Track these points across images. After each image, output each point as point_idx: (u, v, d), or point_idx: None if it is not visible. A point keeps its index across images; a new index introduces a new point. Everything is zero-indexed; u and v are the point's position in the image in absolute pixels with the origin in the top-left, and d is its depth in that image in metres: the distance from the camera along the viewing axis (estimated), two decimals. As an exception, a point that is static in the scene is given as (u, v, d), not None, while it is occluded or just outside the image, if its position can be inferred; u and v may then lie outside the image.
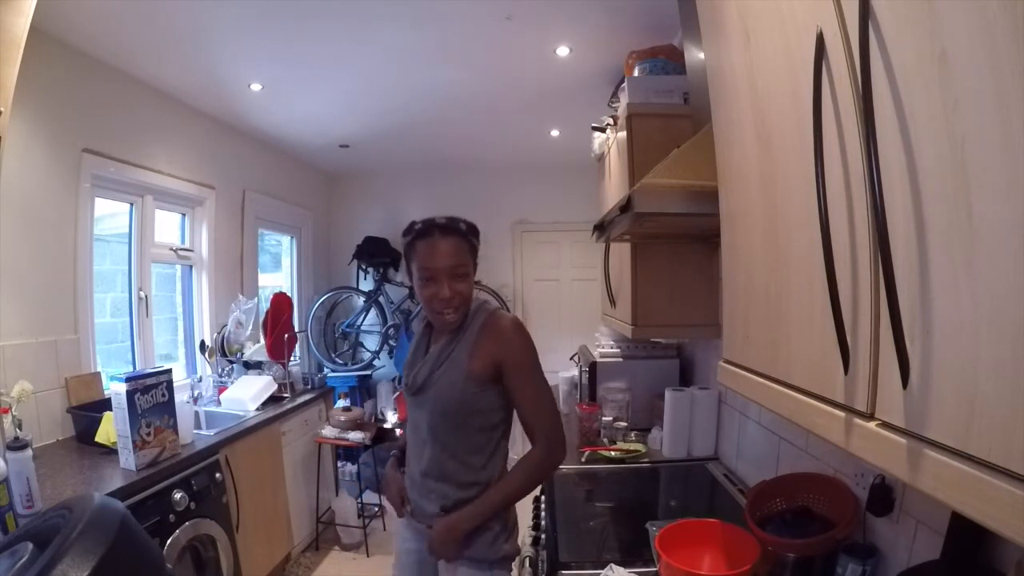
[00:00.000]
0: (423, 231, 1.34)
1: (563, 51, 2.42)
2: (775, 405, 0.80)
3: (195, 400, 2.80)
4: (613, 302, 2.13)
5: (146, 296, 2.74)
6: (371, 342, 4.53)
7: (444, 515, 1.34)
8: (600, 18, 2.12)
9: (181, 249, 3.02)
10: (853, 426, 0.59)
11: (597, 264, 2.42)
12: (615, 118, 2.17)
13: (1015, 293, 0.40)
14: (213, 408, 2.81)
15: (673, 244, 1.84)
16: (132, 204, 2.69)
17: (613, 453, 2.05)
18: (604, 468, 1.99)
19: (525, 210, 4.72)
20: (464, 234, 1.35)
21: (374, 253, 4.45)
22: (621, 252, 2.00)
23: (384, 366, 4.52)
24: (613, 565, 1.23)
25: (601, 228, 1.75)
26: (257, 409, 2.80)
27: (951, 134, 0.45)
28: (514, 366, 1.33)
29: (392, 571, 1.55)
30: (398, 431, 4.28)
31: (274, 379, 3.05)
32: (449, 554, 1.33)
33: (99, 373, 2.38)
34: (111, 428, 1.92)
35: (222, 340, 3.11)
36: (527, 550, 1.57)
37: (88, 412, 2.13)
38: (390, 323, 4.43)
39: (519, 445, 1.48)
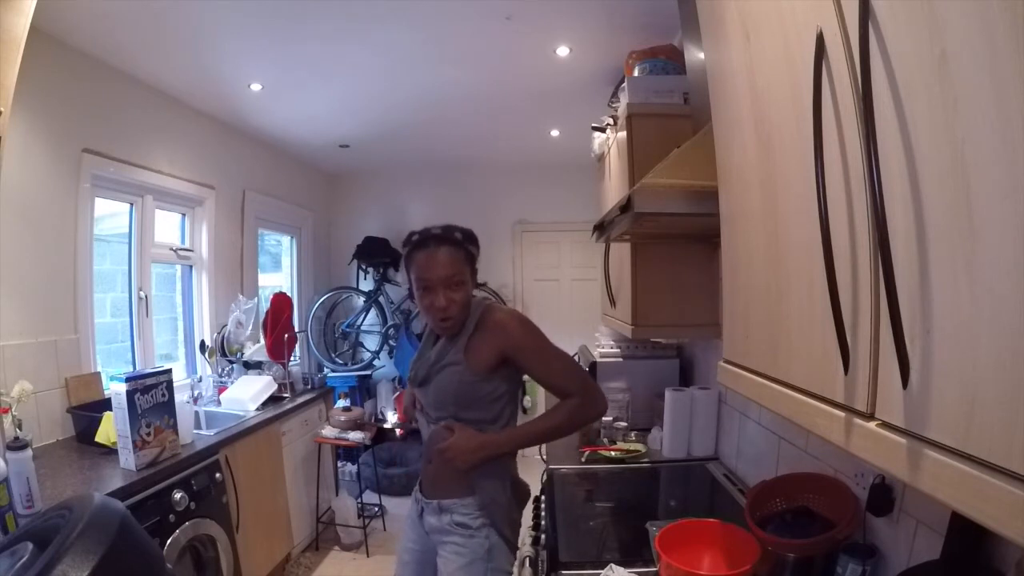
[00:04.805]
0: (420, 242, 1.38)
1: (563, 51, 2.42)
2: (775, 405, 0.80)
3: (195, 400, 2.80)
4: (613, 302, 2.12)
5: (146, 296, 2.74)
6: (371, 342, 4.53)
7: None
8: (600, 18, 2.12)
9: (181, 249, 3.02)
10: (853, 426, 0.59)
11: (597, 264, 2.41)
12: (615, 118, 2.17)
13: (1015, 293, 0.40)
14: (213, 408, 2.81)
15: (673, 244, 1.84)
16: (132, 204, 2.69)
17: (613, 453, 2.05)
18: (604, 468, 1.99)
19: (525, 210, 4.72)
20: (460, 243, 1.38)
21: (374, 253, 4.45)
22: (621, 252, 2.00)
23: (384, 366, 4.52)
24: (613, 565, 1.23)
25: (601, 228, 1.75)
26: (257, 409, 2.80)
27: (951, 134, 0.45)
28: (523, 350, 1.37)
29: (394, 570, 1.55)
30: (398, 431, 4.28)
31: (274, 379, 3.05)
32: (460, 461, 1.34)
33: (99, 373, 2.37)
34: (111, 428, 1.91)
35: (222, 340, 3.11)
36: (527, 550, 1.57)
37: (88, 412, 2.13)
38: (390, 323, 4.43)
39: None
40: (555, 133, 3.73)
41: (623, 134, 1.95)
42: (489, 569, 1.36)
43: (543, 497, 1.83)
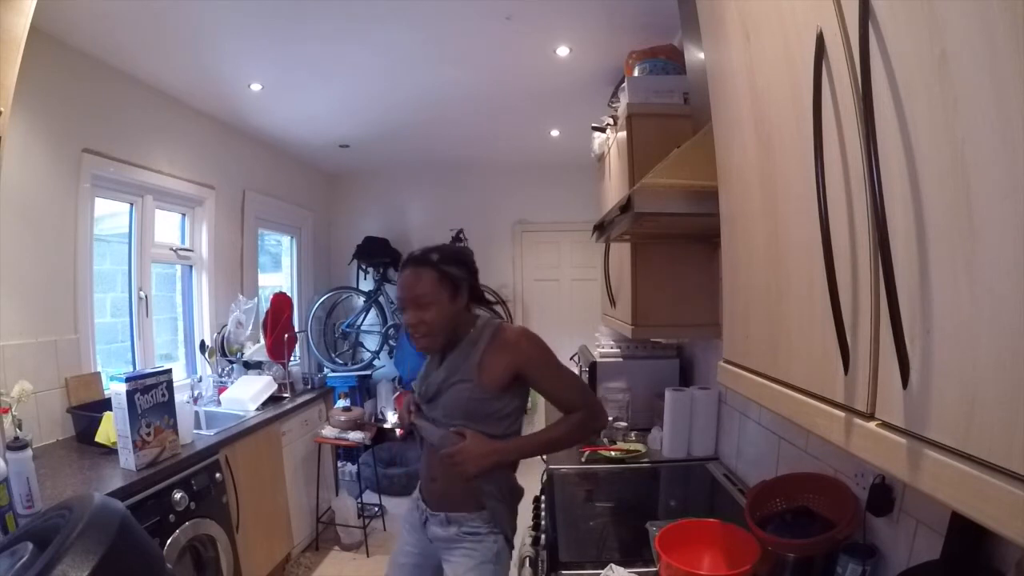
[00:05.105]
0: (403, 263, 1.45)
1: (563, 51, 2.42)
2: (775, 405, 0.80)
3: (195, 400, 2.80)
4: (613, 302, 2.12)
5: (146, 296, 2.74)
6: (371, 342, 4.53)
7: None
8: (600, 18, 2.12)
9: (181, 249, 3.02)
10: (853, 426, 0.59)
11: (597, 264, 2.42)
12: (615, 118, 2.17)
13: (1015, 293, 0.40)
14: (213, 408, 2.81)
15: (673, 244, 1.84)
16: (132, 204, 2.69)
17: (613, 453, 2.05)
18: (604, 468, 1.99)
19: (525, 210, 4.71)
20: (434, 264, 1.40)
21: (374, 253, 4.45)
22: (621, 252, 2.00)
23: (384, 366, 4.52)
24: (613, 565, 1.23)
25: (601, 228, 1.75)
26: (257, 409, 2.80)
27: (951, 134, 0.45)
28: (535, 368, 1.41)
29: (386, 571, 1.55)
30: (398, 431, 4.28)
31: (274, 379, 3.05)
32: (471, 465, 1.36)
33: (99, 373, 2.37)
34: (111, 428, 1.91)
35: (222, 340, 3.11)
36: (527, 550, 1.57)
37: (88, 412, 2.13)
38: (390, 323, 4.43)
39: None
40: (555, 133, 3.73)
41: (623, 134, 1.95)
42: (497, 571, 1.39)
43: (543, 497, 1.83)
